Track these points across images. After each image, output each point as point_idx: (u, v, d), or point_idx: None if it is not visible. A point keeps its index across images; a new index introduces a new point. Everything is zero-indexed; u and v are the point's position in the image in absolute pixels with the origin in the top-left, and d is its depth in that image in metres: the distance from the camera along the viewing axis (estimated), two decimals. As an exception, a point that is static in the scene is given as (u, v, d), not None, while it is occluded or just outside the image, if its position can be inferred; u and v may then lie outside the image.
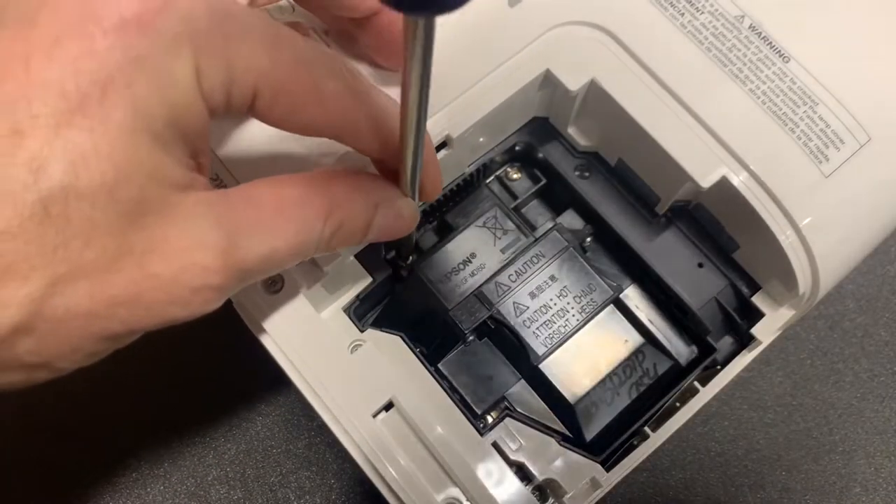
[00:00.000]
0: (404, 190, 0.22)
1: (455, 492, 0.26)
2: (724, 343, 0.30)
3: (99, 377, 0.42)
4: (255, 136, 0.27)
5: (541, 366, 0.29)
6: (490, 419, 0.29)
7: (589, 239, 0.32)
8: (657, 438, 0.27)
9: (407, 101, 0.18)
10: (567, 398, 0.29)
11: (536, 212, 0.33)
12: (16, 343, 0.16)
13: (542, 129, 0.32)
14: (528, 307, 0.30)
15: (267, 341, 0.27)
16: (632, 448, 0.28)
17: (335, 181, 0.20)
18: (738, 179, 0.27)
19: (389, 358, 0.28)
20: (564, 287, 0.30)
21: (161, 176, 0.17)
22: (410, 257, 0.30)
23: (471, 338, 0.30)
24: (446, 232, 0.31)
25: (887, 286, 0.44)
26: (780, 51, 0.28)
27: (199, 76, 0.17)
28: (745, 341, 0.30)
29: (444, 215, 0.31)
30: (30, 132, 0.15)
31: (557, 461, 0.28)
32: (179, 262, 0.17)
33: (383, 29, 0.25)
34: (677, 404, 0.29)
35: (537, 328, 0.29)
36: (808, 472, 0.41)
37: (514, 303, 0.30)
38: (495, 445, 0.28)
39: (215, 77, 0.18)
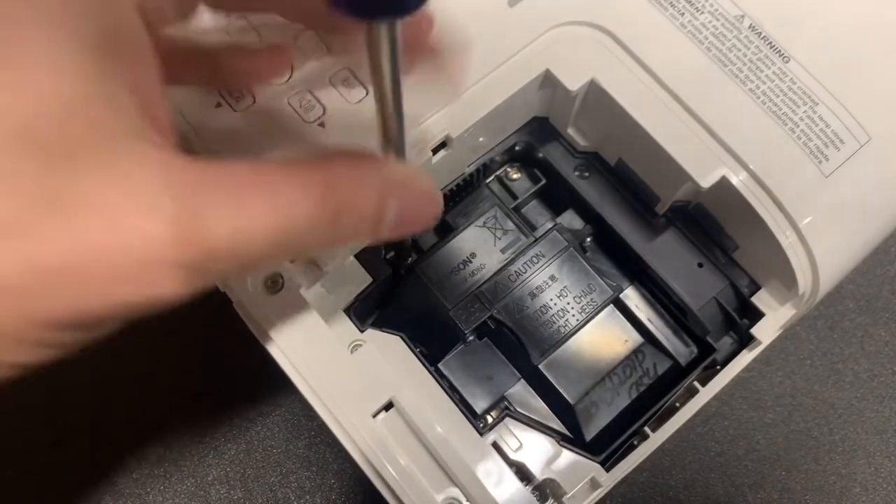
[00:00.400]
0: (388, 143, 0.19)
1: (455, 492, 0.26)
2: (724, 343, 0.30)
3: (99, 377, 0.42)
4: (255, 135, 0.27)
5: (541, 366, 0.29)
6: (490, 419, 0.29)
7: (589, 239, 0.32)
8: (657, 438, 0.27)
9: (384, 108, 0.17)
10: (567, 398, 0.29)
11: (536, 212, 0.33)
12: None
13: (542, 129, 0.32)
14: (528, 307, 0.30)
15: (267, 342, 0.26)
16: (632, 448, 0.28)
17: (334, 156, 0.17)
18: (738, 179, 0.27)
19: (389, 358, 0.28)
20: (564, 287, 0.30)
21: (94, 115, 0.14)
22: (410, 258, 0.30)
23: (471, 338, 0.30)
24: (446, 232, 0.31)
25: (887, 286, 0.44)
26: (780, 51, 0.28)
27: None
28: (744, 341, 0.30)
29: (444, 215, 0.31)
30: None
31: (557, 461, 0.28)
32: (120, 225, 0.14)
33: None
34: (677, 404, 0.29)
35: (537, 328, 0.29)
36: (808, 472, 0.41)
37: (514, 303, 0.30)
38: (495, 445, 0.28)
39: None
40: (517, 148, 0.32)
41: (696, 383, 0.29)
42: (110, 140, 0.14)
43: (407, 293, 0.30)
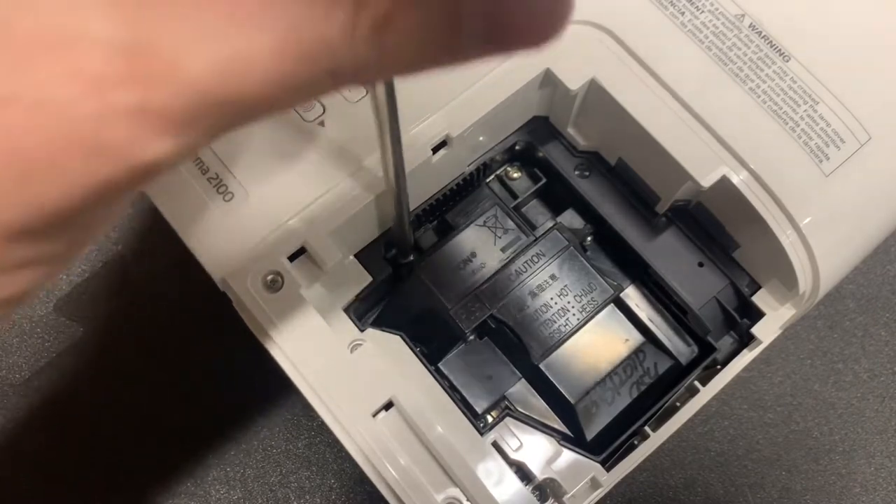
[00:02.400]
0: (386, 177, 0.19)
1: (455, 491, 0.26)
2: (725, 342, 0.30)
3: (97, 377, 0.42)
4: (254, 134, 0.27)
5: (541, 365, 0.29)
6: (490, 419, 0.29)
7: (589, 238, 0.32)
8: (657, 438, 0.27)
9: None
10: (567, 397, 0.29)
11: (536, 211, 0.33)
12: None
13: (542, 128, 0.31)
14: (528, 306, 0.30)
15: (267, 341, 0.26)
16: (632, 448, 0.28)
17: None
18: (739, 179, 0.27)
19: (389, 357, 0.28)
20: (565, 286, 0.30)
21: None
22: (410, 256, 0.30)
23: (471, 337, 0.30)
24: (446, 231, 0.31)
25: (887, 286, 0.44)
26: (780, 49, 0.28)
27: None
28: (745, 341, 0.30)
29: (444, 215, 0.31)
30: None
31: (558, 461, 0.28)
32: (46, 69, 0.09)
33: None
34: (678, 404, 0.29)
35: (538, 327, 0.29)
36: (808, 472, 0.41)
37: (514, 302, 0.30)
38: (495, 445, 0.28)
39: None
40: (517, 147, 0.32)
41: (696, 383, 0.29)
42: None
43: (407, 293, 0.30)
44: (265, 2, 0.10)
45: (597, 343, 0.30)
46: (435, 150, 0.28)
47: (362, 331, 0.29)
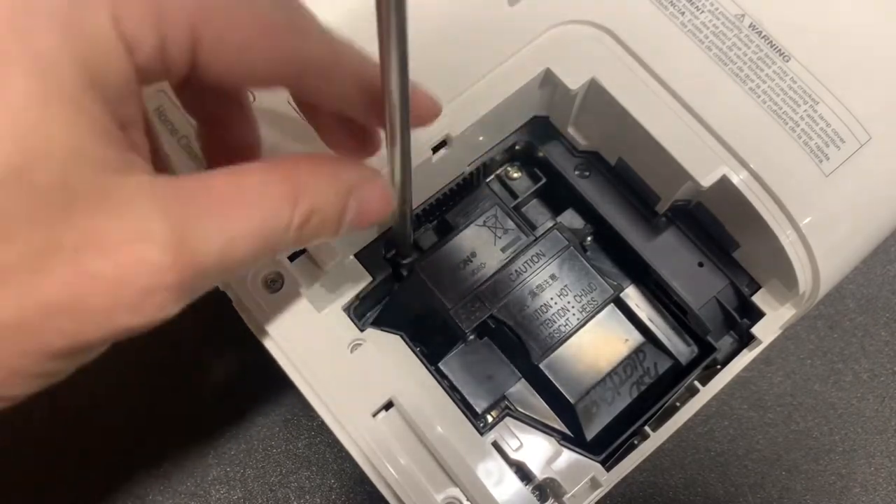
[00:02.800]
0: (394, 138, 0.20)
1: (455, 491, 0.26)
2: (725, 342, 0.30)
3: (97, 377, 0.42)
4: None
5: (541, 365, 0.29)
6: (490, 418, 0.29)
7: (589, 238, 0.32)
8: (657, 438, 0.27)
9: (388, 82, 0.17)
10: (567, 397, 0.29)
11: (536, 211, 0.33)
12: None
13: (542, 128, 0.31)
14: (528, 306, 0.30)
15: (267, 341, 0.26)
16: (632, 448, 0.28)
17: (301, 163, 0.18)
18: (739, 178, 0.27)
19: (389, 357, 0.28)
20: (565, 286, 0.30)
21: (86, 155, 0.14)
22: (410, 256, 0.30)
23: (471, 337, 0.30)
24: (446, 231, 0.31)
25: (887, 286, 0.44)
26: (780, 49, 0.28)
27: (118, 22, 0.14)
28: (745, 340, 0.30)
29: (444, 214, 0.31)
30: None
31: (557, 461, 0.28)
32: (122, 258, 0.14)
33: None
34: (677, 404, 0.29)
35: (538, 327, 0.29)
36: (808, 472, 0.41)
37: (514, 302, 0.30)
38: (495, 445, 0.28)
39: (140, 20, 0.15)
40: (517, 147, 0.32)
41: (696, 383, 0.29)
42: (102, 175, 0.14)
43: (407, 293, 0.30)
44: (246, 210, 0.16)
45: (597, 343, 0.30)
46: (435, 149, 0.28)
47: (362, 331, 0.29)
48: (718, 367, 0.30)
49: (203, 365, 0.42)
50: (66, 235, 0.14)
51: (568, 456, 0.28)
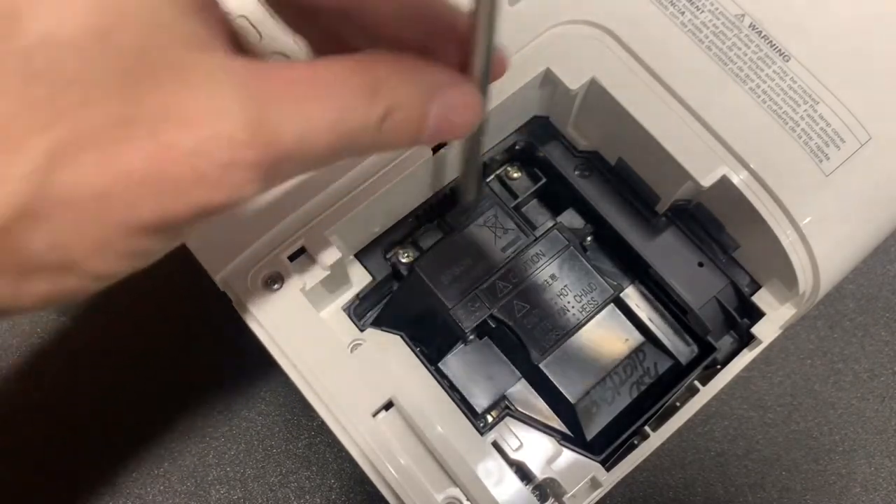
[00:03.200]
0: (472, 75, 0.19)
1: (455, 491, 0.26)
2: (725, 342, 0.30)
3: (97, 377, 0.42)
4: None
5: (541, 365, 0.29)
6: (490, 418, 0.29)
7: (589, 238, 0.32)
8: (657, 438, 0.27)
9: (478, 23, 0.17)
10: (567, 397, 0.29)
11: (536, 211, 0.33)
12: (26, 234, 0.14)
13: (542, 128, 0.31)
14: (528, 306, 0.30)
15: (267, 341, 0.26)
16: (632, 447, 0.28)
17: (381, 59, 0.17)
18: (739, 178, 0.27)
19: (389, 357, 0.28)
20: (565, 286, 0.30)
21: (166, 25, 0.14)
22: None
23: (471, 337, 0.30)
24: (447, 231, 0.31)
25: (887, 286, 0.44)
26: (780, 49, 0.28)
27: None
28: (745, 340, 0.30)
29: (444, 215, 0.31)
30: None
31: (558, 460, 0.28)
32: (200, 131, 0.14)
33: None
34: (677, 404, 0.29)
35: (538, 327, 0.29)
36: (808, 472, 0.41)
37: (514, 302, 0.30)
38: (495, 445, 0.28)
39: None
40: (517, 147, 0.32)
41: (696, 382, 0.29)
42: (185, 48, 0.14)
43: (407, 293, 0.30)
44: (321, 99, 0.16)
45: (597, 343, 0.30)
46: (435, 150, 0.28)
47: (362, 331, 0.30)
48: (718, 367, 0.30)
49: (202, 365, 0.42)
50: (145, 106, 0.14)
51: (568, 456, 0.28)
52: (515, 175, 0.32)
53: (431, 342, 0.30)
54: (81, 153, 0.13)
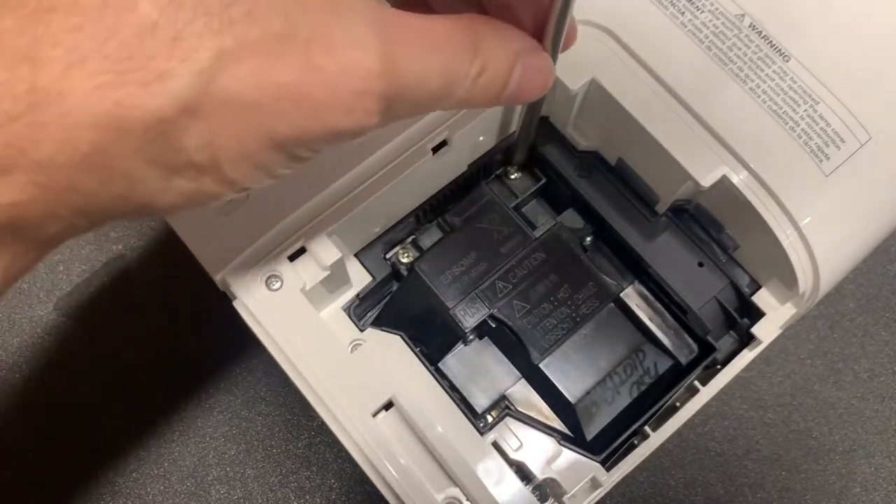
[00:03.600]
0: (545, 45, 0.21)
1: (455, 491, 0.26)
2: (725, 342, 0.30)
3: (98, 377, 0.42)
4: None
5: (541, 365, 0.29)
6: (490, 418, 0.29)
7: (589, 238, 0.32)
8: (657, 438, 0.27)
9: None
10: (567, 397, 0.29)
11: (536, 211, 0.33)
12: (185, 128, 0.15)
13: (542, 128, 0.31)
14: (528, 306, 0.30)
15: (267, 341, 0.26)
16: (632, 447, 0.28)
17: (480, 23, 0.19)
18: (739, 178, 0.27)
19: (389, 357, 0.28)
20: (565, 286, 0.30)
21: None
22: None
23: (471, 337, 0.30)
24: (447, 231, 0.31)
25: (887, 286, 0.44)
26: (780, 49, 0.28)
27: None
28: (745, 340, 0.30)
29: (444, 214, 0.31)
30: None
31: (557, 460, 0.28)
32: (343, 58, 0.16)
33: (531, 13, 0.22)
34: (677, 404, 0.29)
35: (537, 327, 0.29)
36: (808, 472, 0.41)
37: (514, 302, 0.30)
38: (495, 445, 0.28)
39: None
40: (517, 147, 0.32)
41: (696, 383, 0.29)
42: None
43: (407, 293, 0.30)
44: (436, 50, 0.18)
45: (597, 343, 0.30)
46: (435, 150, 0.28)
47: (362, 331, 0.30)
48: (718, 367, 0.30)
49: (203, 365, 0.42)
50: (300, 27, 0.15)
51: (568, 456, 0.28)
52: (515, 175, 0.32)
53: (431, 342, 0.30)
54: (242, 62, 0.15)
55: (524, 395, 0.30)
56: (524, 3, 0.21)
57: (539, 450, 0.28)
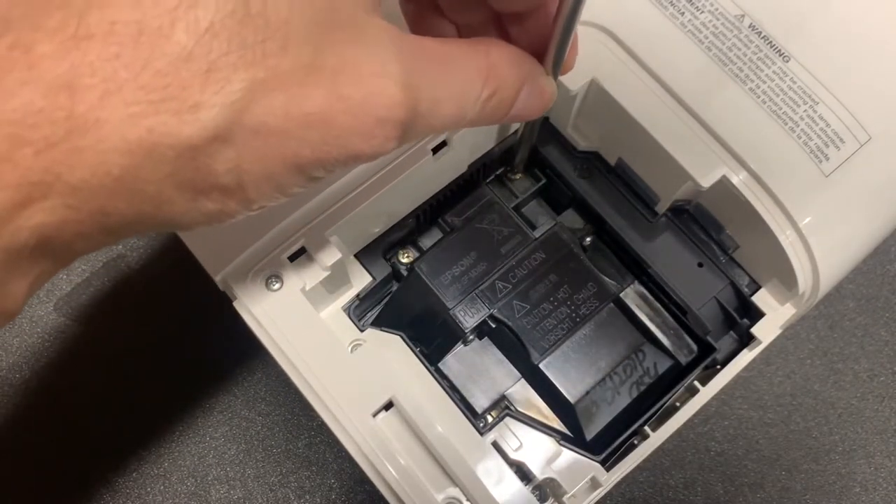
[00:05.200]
0: (546, 66, 0.22)
1: (455, 491, 0.26)
2: (725, 342, 0.30)
3: (99, 377, 0.42)
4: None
5: (541, 365, 0.29)
6: (490, 418, 0.29)
7: (589, 239, 0.32)
8: (657, 438, 0.27)
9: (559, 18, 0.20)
10: (567, 397, 0.29)
11: (536, 211, 0.33)
12: (215, 154, 0.15)
13: (542, 128, 0.31)
14: (528, 306, 0.30)
15: (267, 341, 0.26)
16: (632, 447, 0.28)
17: (493, 47, 0.20)
18: (738, 179, 0.27)
19: (389, 357, 0.28)
20: (565, 286, 0.30)
21: None
22: (414, 258, 0.30)
23: (471, 337, 0.30)
24: (447, 231, 0.31)
25: (887, 286, 0.44)
26: (780, 50, 0.28)
27: None
28: (745, 341, 0.30)
29: (444, 215, 0.31)
30: None
31: (557, 460, 0.28)
32: (368, 87, 0.16)
33: (541, 24, 0.22)
34: (677, 404, 0.29)
35: (537, 327, 0.29)
36: (808, 471, 0.41)
37: (514, 302, 0.30)
38: (495, 445, 0.28)
39: None
40: (517, 147, 0.32)
41: (696, 383, 0.29)
42: (360, 10, 0.16)
43: (407, 293, 0.30)
44: (450, 76, 0.18)
45: (597, 343, 0.30)
46: (435, 150, 0.28)
47: (362, 331, 0.30)
48: (718, 367, 0.30)
49: (203, 365, 0.42)
50: (329, 57, 0.16)
51: (568, 456, 0.28)
52: (515, 175, 0.32)
53: (431, 342, 0.30)
54: (273, 92, 0.15)
55: (524, 395, 0.30)
56: (533, 16, 0.21)
57: (539, 450, 0.28)
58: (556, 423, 0.30)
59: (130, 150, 0.14)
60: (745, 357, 0.29)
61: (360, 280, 0.30)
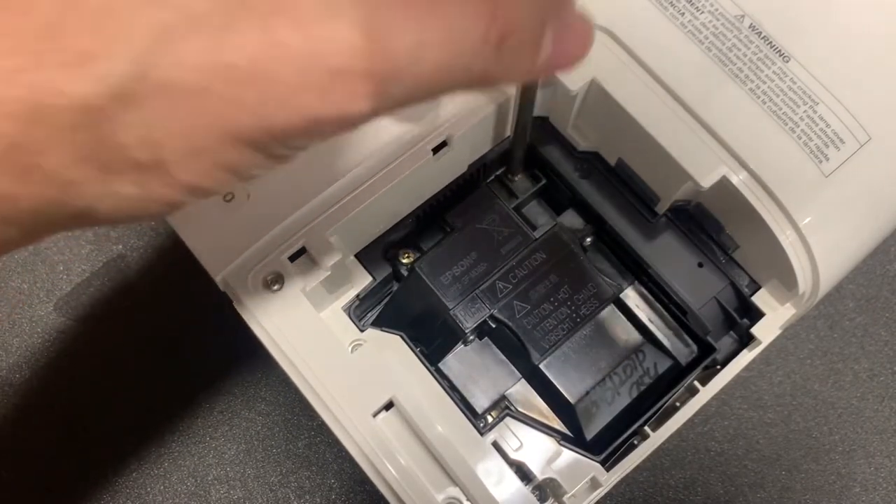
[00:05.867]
0: None
1: (455, 491, 0.26)
2: (725, 342, 0.30)
3: (98, 377, 0.42)
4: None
5: (541, 365, 0.29)
6: (490, 418, 0.29)
7: (589, 239, 0.32)
8: (657, 438, 0.27)
9: None
10: (567, 397, 0.29)
11: (537, 211, 0.33)
12: (118, 119, 0.12)
13: (542, 128, 0.31)
14: (528, 306, 0.30)
15: (267, 341, 0.26)
16: (632, 447, 0.28)
17: None
18: (738, 179, 0.27)
19: (389, 357, 0.28)
20: (565, 286, 0.30)
21: None
22: (413, 258, 0.30)
23: (471, 337, 0.30)
24: (447, 232, 0.31)
25: (887, 286, 0.44)
26: (780, 50, 0.28)
27: None
28: (745, 341, 0.30)
29: (444, 215, 0.31)
30: None
31: (557, 460, 0.28)
32: (312, 31, 0.13)
33: None
34: (677, 404, 0.29)
35: (537, 327, 0.29)
36: (808, 471, 0.41)
37: (514, 302, 0.30)
38: (495, 445, 0.28)
39: None
40: (517, 147, 0.32)
41: (696, 383, 0.29)
42: None
43: (407, 293, 0.30)
44: (436, 13, 0.14)
45: (597, 343, 0.30)
46: (435, 150, 0.28)
47: (362, 331, 0.30)
48: (718, 367, 0.30)
49: (202, 365, 0.42)
50: None
51: (568, 456, 0.28)
52: (515, 176, 0.32)
53: (431, 342, 0.30)
54: (186, 38, 0.12)
55: (524, 395, 0.30)
56: None
57: (539, 450, 0.28)
58: (557, 423, 0.30)
59: (10, 114, 0.12)
60: (745, 357, 0.29)
61: (361, 280, 0.30)
